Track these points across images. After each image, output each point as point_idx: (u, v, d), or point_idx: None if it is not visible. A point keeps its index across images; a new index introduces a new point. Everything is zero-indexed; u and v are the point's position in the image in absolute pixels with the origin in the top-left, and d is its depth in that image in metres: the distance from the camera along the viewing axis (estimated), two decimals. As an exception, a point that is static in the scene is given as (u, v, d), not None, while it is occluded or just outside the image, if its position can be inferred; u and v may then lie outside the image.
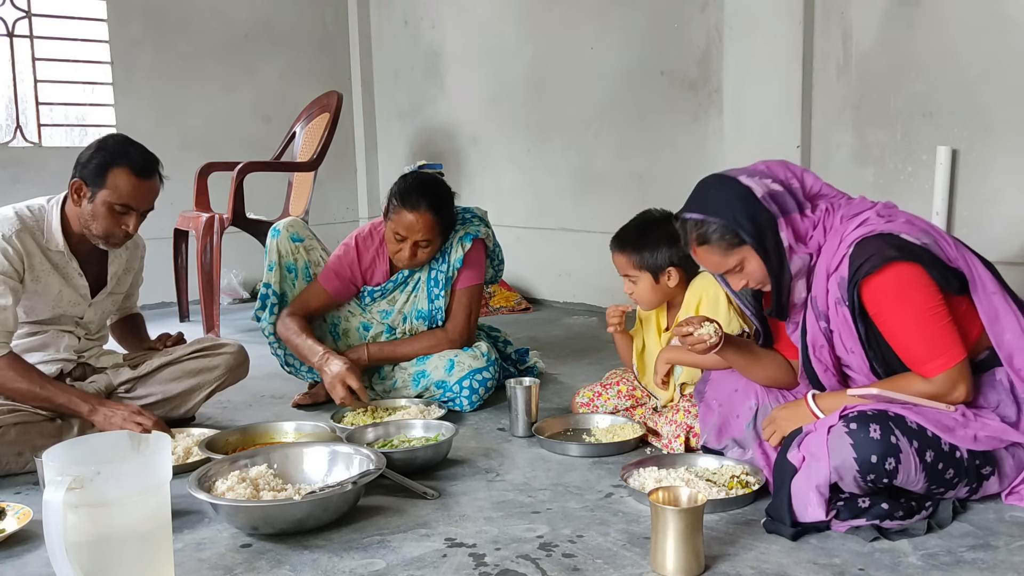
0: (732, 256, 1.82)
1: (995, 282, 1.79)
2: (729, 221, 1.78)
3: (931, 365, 1.72)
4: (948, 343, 1.71)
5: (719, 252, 1.83)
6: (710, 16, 3.85)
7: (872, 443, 1.63)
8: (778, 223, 1.79)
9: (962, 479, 1.71)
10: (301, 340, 2.65)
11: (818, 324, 1.85)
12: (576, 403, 2.59)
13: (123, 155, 2.29)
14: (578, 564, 1.59)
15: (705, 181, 1.90)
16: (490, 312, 4.51)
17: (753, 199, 1.78)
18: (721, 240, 1.81)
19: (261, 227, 4.09)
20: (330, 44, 5.78)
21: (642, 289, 2.37)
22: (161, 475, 1.44)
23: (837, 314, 1.80)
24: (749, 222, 1.77)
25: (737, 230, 1.78)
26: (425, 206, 2.58)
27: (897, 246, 1.72)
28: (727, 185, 1.82)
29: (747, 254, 1.81)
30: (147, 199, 2.34)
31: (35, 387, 2.21)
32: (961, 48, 2.99)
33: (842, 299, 1.77)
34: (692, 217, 1.84)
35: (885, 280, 1.71)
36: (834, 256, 1.78)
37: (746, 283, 1.87)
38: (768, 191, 1.79)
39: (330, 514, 1.78)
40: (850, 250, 1.75)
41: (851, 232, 1.78)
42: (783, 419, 1.89)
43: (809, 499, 1.67)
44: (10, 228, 2.26)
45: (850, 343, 1.81)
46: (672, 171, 4.00)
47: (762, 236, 1.78)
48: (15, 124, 4.69)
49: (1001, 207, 2.94)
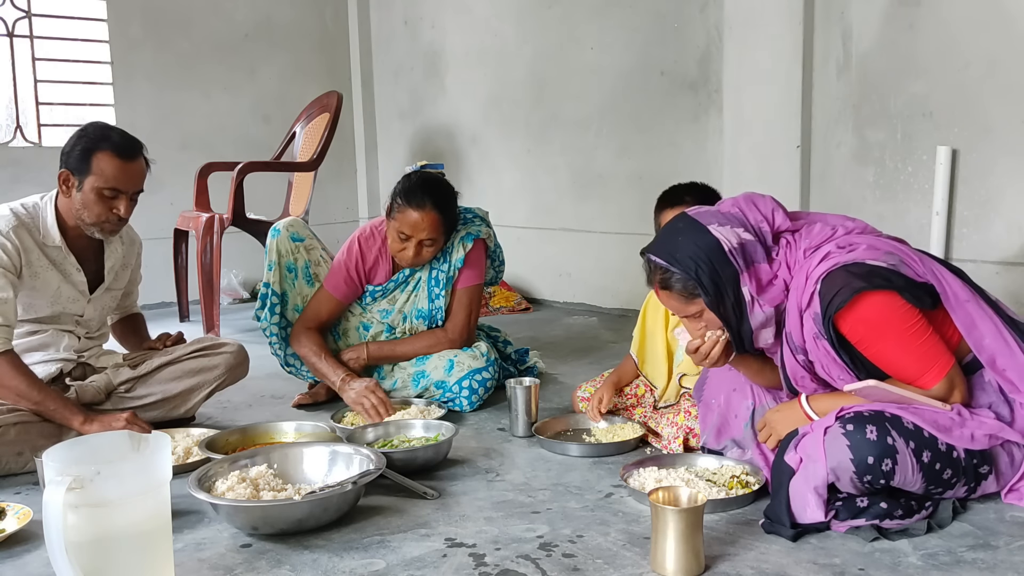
0: (692, 305, 1.83)
1: (967, 289, 1.79)
2: (691, 275, 1.77)
3: (925, 378, 1.72)
4: (935, 354, 1.72)
5: (679, 300, 1.84)
6: (710, 16, 3.85)
7: (868, 444, 1.63)
8: (741, 278, 1.78)
9: (960, 479, 1.71)
10: (319, 361, 2.66)
11: (795, 357, 1.85)
12: (577, 397, 2.59)
13: (104, 139, 2.30)
14: (578, 564, 1.59)
15: (675, 225, 1.86)
16: (490, 312, 4.51)
17: (720, 253, 1.77)
18: (683, 290, 1.81)
19: (261, 227, 4.09)
20: (330, 44, 5.78)
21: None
22: (161, 475, 1.44)
23: (817, 347, 1.79)
24: (710, 279, 1.76)
25: (696, 286, 1.78)
26: (430, 204, 2.58)
27: (863, 274, 1.71)
28: (696, 235, 1.80)
29: (705, 307, 1.82)
30: (134, 180, 2.34)
31: (32, 390, 2.20)
32: (961, 48, 2.99)
33: (820, 333, 1.76)
34: (657, 262, 1.84)
35: (859, 311, 1.70)
36: (803, 293, 1.78)
37: (704, 328, 1.87)
38: (738, 242, 1.78)
39: (330, 514, 1.78)
40: (818, 287, 1.74)
41: (815, 268, 1.77)
42: (777, 421, 1.89)
43: (807, 500, 1.67)
44: (7, 224, 2.27)
45: (835, 371, 1.80)
46: (672, 171, 3.98)
47: (721, 295, 1.78)
48: (15, 124, 4.68)
49: (1001, 207, 2.94)
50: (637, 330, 2.51)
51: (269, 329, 2.76)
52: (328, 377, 2.65)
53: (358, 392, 2.55)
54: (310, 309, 2.76)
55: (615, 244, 4.40)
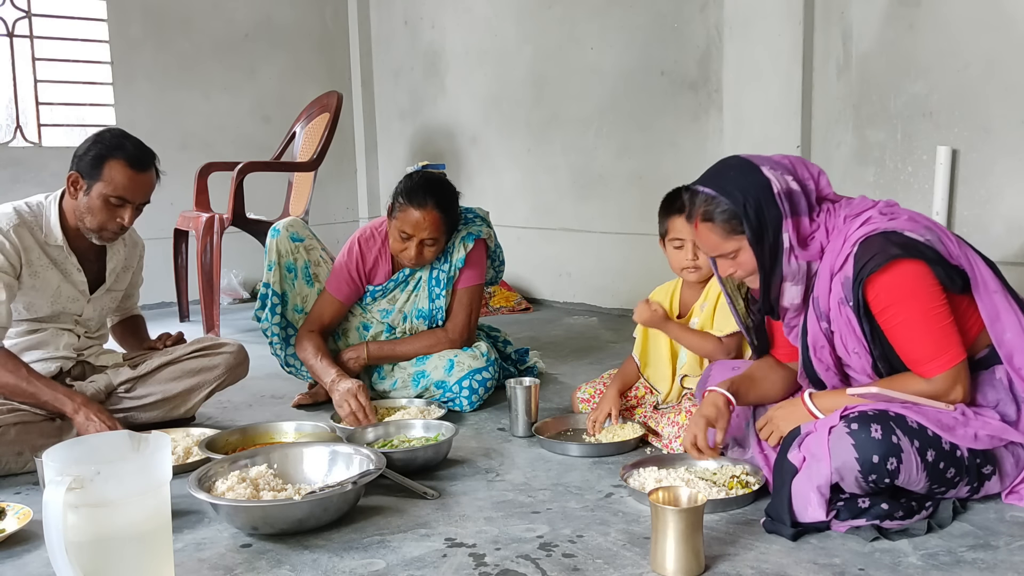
0: (730, 242, 1.82)
1: (996, 280, 1.79)
2: (738, 208, 1.77)
3: (931, 365, 1.72)
4: (949, 343, 1.71)
5: (719, 234, 1.82)
6: (710, 16, 3.85)
7: (873, 443, 1.63)
8: (784, 223, 1.78)
9: (963, 478, 1.71)
10: (316, 361, 2.66)
11: (819, 324, 1.85)
12: (576, 398, 2.59)
13: (119, 148, 2.30)
14: (578, 564, 1.59)
15: (728, 161, 1.89)
16: (490, 312, 4.51)
17: (768, 193, 1.78)
18: (725, 223, 1.80)
19: (261, 227, 4.09)
20: (330, 44, 5.78)
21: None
22: (161, 475, 1.44)
23: (840, 314, 1.79)
24: (755, 215, 1.77)
25: (742, 219, 1.78)
26: (432, 204, 2.58)
27: (901, 244, 1.72)
28: (748, 172, 1.81)
29: (744, 245, 1.81)
30: (143, 192, 2.34)
31: (22, 382, 2.19)
32: (961, 48, 2.99)
33: (846, 299, 1.76)
34: (705, 192, 1.83)
35: (890, 278, 1.71)
36: (838, 256, 1.78)
37: (734, 272, 1.87)
38: (786, 188, 1.79)
39: (330, 514, 1.78)
40: (854, 249, 1.75)
41: (855, 231, 1.77)
42: (780, 419, 1.89)
43: (810, 499, 1.67)
44: (8, 223, 2.27)
45: (852, 343, 1.81)
46: (672, 171, 3.99)
47: (762, 233, 1.78)
48: (15, 124, 4.69)
49: (1001, 207, 2.95)
50: (639, 332, 2.51)
51: (269, 329, 2.76)
52: (321, 377, 2.64)
53: (341, 394, 2.50)
54: (313, 312, 2.76)
55: (615, 244, 4.40)
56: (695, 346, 2.34)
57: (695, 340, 2.33)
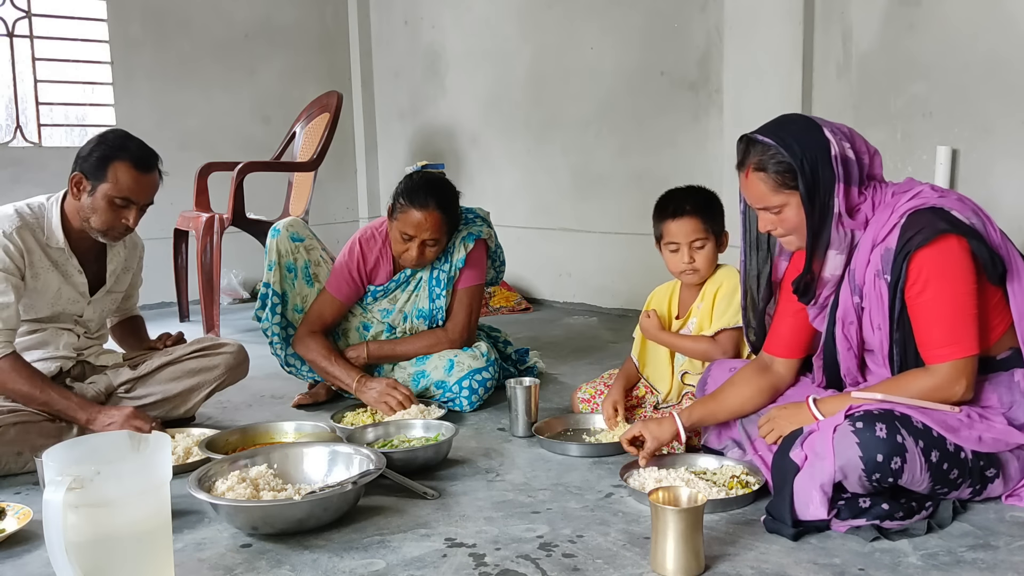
0: (779, 196, 1.81)
1: None
2: (795, 162, 1.76)
3: (942, 351, 1.71)
4: (966, 334, 1.70)
5: (769, 185, 1.81)
6: (710, 16, 3.85)
7: (878, 442, 1.63)
8: (836, 187, 1.78)
9: (965, 479, 1.71)
10: (330, 364, 2.67)
11: (852, 299, 1.84)
12: (576, 398, 2.59)
13: (123, 149, 2.31)
14: (578, 564, 1.59)
15: (789, 117, 1.89)
16: (490, 312, 4.51)
17: (826, 154, 1.77)
18: (777, 175, 1.79)
19: (261, 227, 4.09)
20: (330, 44, 5.78)
21: (708, 255, 2.32)
22: (161, 475, 1.44)
23: (874, 288, 1.79)
24: (811, 172, 1.76)
25: (797, 174, 1.76)
26: (434, 204, 2.58)
27: (949, 221, 1.72)
28: (810, 129, 1.80)
29: (793, 201, 1.80)
30: (147, 193, 2.35)
31: (35, 390, 2.21)
32: (961, 48, 2.99)
33: (882, 271, 1.76)
34: (763, 140, 1.81)
35: (934, 251, 1.70)
36: (883, 227, 1.78)
37: (774, 228, 1.86)
38: (843, 154, 1.78)
39: (330, 514, 1.78)
40: (902, 220, 1.75)
41: (903, 203, 1.77)
42: (782, 419, 1.89)
43: (812, 497, 1.66)
44: (10, 225, 2.27)
45: (878, 319, 1.80)
46: (672, 171, 4.00)
47: (815, 192, 1.77)
48: (15, 124, 4.68)
49: (1001, 207, 2.94)
50: (637, 332, 2.51)
51: (269, 329, 2.76)
52: (342, 380, 2.65)
53: (380, 391, 2.56)
54: (313, 312, 2.76)
55: (615, 244, 4.40)
56: (691, 350, 2.35)
57: (689, 344, 2.35)
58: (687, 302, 2.42)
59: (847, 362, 1.90)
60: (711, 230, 2.32)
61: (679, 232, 2.32)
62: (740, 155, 1.87)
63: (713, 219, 2.33)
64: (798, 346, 2.01)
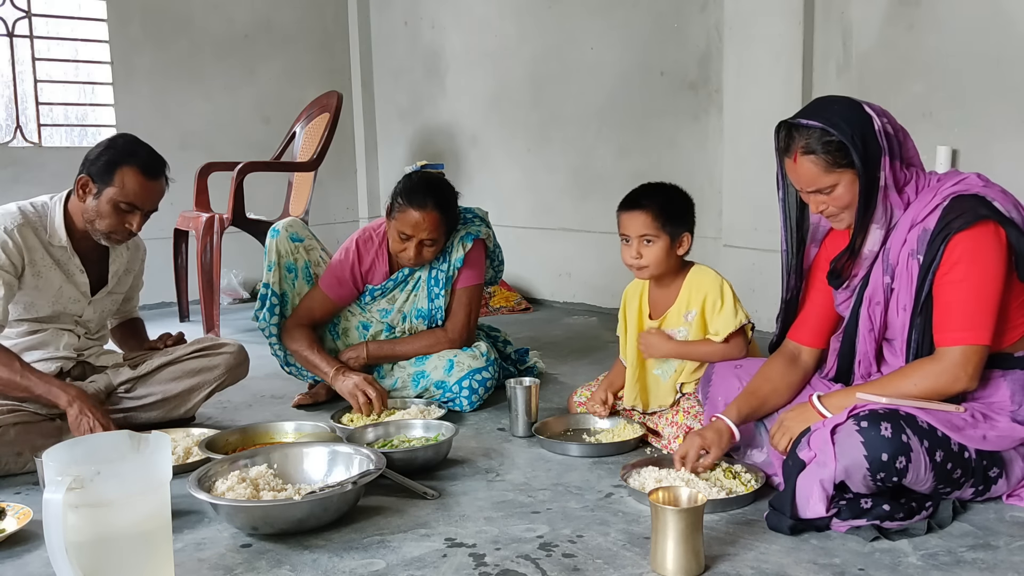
0: (830, 175, 1.81)
1: None
2: (847, 139, 1.76)
3: (956, 335, 1.72)
4: (984, 323, 1.71)
5: (820, 166, 1.80)
6: (710, 16, 3.85)
7: (883, 441, 1.62)
8: (883, 160, 1.79)
9: (969, 479, 1.71)
10: (311, 353, 2.68)
11: (883, 279, 1.85)
12: (573, 402, 2.59)
13: (132, 154, 2.32)
14: (578, 564, 1.59)
15: (828, 98, 1.89)
16: (490, 312, 4.51)
17: (871, 128, 1.78)
18: (828, 155, 1.79)
19: (261, 227, 4.08)
20: (330, 44, 5.78)
21: (657, 252, 2.30)
22: (161, 475, 1.44)
23: (906, 268, 1.80)
24: (863, 146, 1.77)
25: (851, 150, 1.77)
26: (432, 204, 2.58)
27: (991, 209, 1.73)
28: (852, 107, 1.82)
29: (845, 179, 1.80)
30: (153, 199, 2.36)
31: (15, 376, 2.18)
32: (961, 48, 2.99)
33: (916, 251, 1.77)
34: (811, 124, 1.81)
35: (973, 235, 1.71)
36: (925, 207, 1.79)
37: (825, 208, 1.85)
38: (885, 129, 1.80)
39: (330, 514, 1.78)
40: (945, 202, 1.76)
41: (948, 188, 1.79)
42: (791, 420, 1.88)
43: (812, 492, 1.66)
44: (12, 222, 2.28)
45: (905, 299, 1.81)
46: (672, 171, 3.98)
47: (868, 165, 1.78)
48: (15, 124, 4.68)
49: (1001, 207, 2.94)
50: (621, 332, 2.50)
51: (269, 329, 2.76)
52: (320, 368, 2.65)
53: (356, 383, 2.56)
54: (302, 306, 2.76)
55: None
56: (702, 355, 2.29)
57: (705, 350, 2.28)
58: (659, 302, 2.39)
59: (865, 345, 1.90)
60: (664, 228, 2.28)
61: (629, 225, 2.34)
62: (782, 142, 1.87)
63: (669, 218, 2.29)
64: (823, 334, 2.02)
